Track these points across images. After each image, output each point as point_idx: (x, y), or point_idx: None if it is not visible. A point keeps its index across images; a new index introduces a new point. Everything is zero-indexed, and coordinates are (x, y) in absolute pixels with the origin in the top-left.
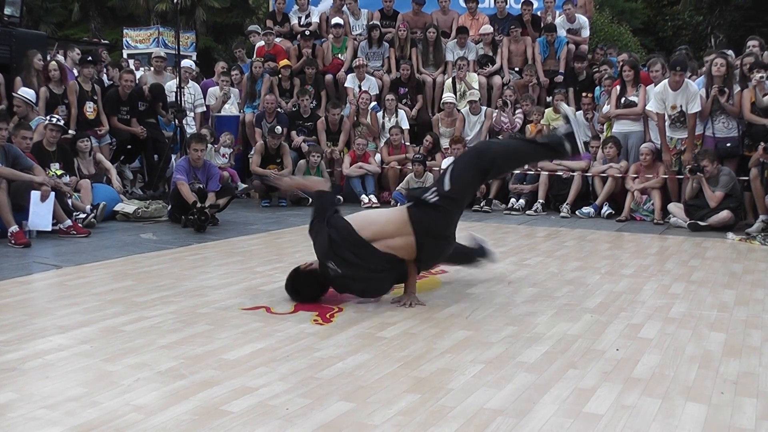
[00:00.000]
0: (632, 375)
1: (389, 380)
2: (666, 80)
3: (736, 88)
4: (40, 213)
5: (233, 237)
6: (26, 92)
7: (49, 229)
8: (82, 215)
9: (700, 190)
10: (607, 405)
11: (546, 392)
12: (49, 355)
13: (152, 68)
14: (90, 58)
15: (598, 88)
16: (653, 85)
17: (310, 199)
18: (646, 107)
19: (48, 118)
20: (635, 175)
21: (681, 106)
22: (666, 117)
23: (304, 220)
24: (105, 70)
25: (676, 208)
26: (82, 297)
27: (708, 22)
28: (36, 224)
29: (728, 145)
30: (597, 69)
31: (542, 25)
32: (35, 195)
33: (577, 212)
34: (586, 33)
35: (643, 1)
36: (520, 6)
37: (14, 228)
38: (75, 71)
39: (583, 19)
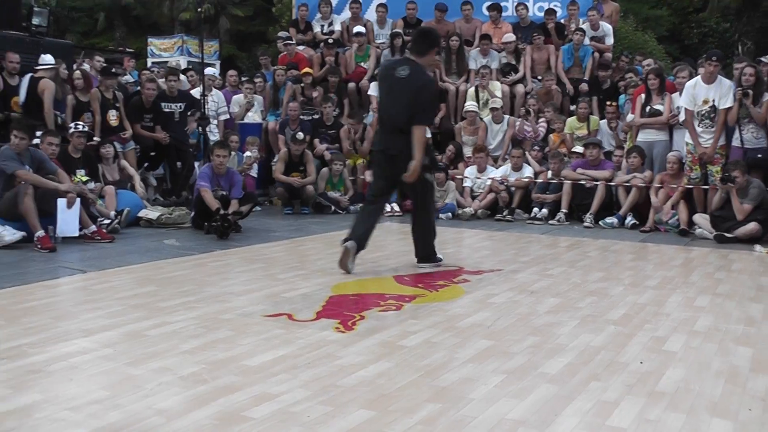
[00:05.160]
0: (656, 389)
1: (410, 389)
2: (698, 75)
3: (766, 96)
4: (67, 220)
5: (255, 244)
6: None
7: (77, 234)
8: (107, 221)
9: (726, 201)
10: (631, 418)
11: (568, 404)
12: (73, 357)
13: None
14: (114, 69)
15: (622, 96)
16: (678, 93)
17: (333, 207)
18: (679, 103)
19: (73, 125)
20: (660, 185)
21: (713, 101)
22: (695, 114)
23: (326, 228)
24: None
25: (701, 219)
26: (106, 301)
27: (735, 28)
28: (64, 231)
29: (759, 156)
30: (621, 77)
31: (566, 33)
32: (62, 203)
33: (600, 222)
34: (610, 41)
35: (669, 8)
36: (543, 14)
37: (40, 233)
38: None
39: (607, 27)
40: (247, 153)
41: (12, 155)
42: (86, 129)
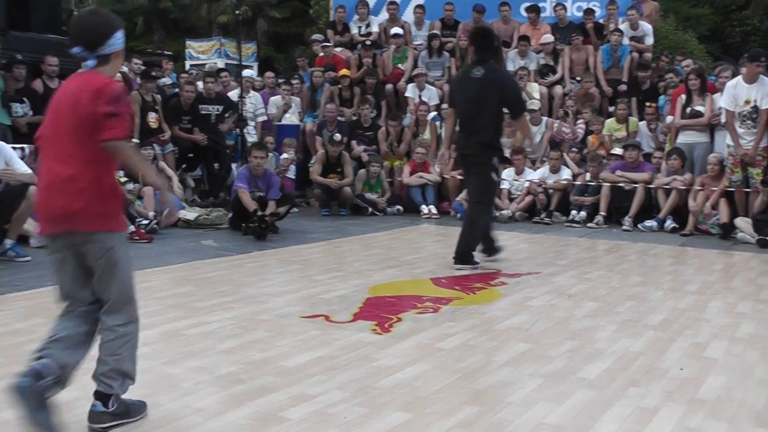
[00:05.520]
0: (697, 396)
1: (447, 392)
2: (740, 75)
3: None
4: None
5: (293, 245)
6: None
7: None
8: (145, 221)
9: None
10: (671, 426)
11: (607, 410)
12: None
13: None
14: (153, 73)
15: (662, 97)
16: (720, 93)
17: (370, 209)
18: (720, 103)
19: None
20: (700, 188)
21: (755, 101)
22: (736, 115)
23: (363, 229)
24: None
25: (743, 223)
26: (144, 301)
27: None
28: None
29: None
30: (661, 77)
31: (605, 33)
32: None
33: (639, 225)
34: (649, 40)
35: (710, 6)
36: (581, 14)
37: None
38: (138, 81)
39: (646, 27)
40: (284, 155)
41: None
42: None
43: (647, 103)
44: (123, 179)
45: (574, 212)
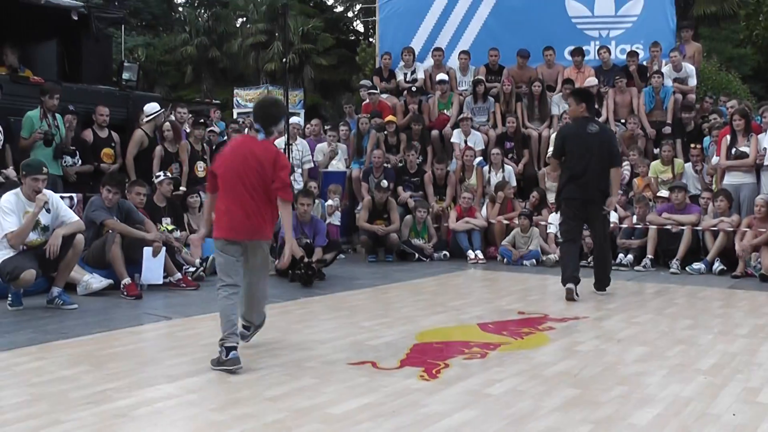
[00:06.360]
0: None
1: None
2: None
3: None
4: (153, 268)
5: (339, 292)
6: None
7: (161, 282)
8: (192, 268)
9: None
10: None
11: None
12: (157, 403)
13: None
14: (202, 120)
15: (707, 138)
16: (764, 133)
17: (417, 254)
18: (765, 144)
19: (162, 173)
20: (747, 229)
21: None
22: None
23: (410, 275)
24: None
25: None
26: (191, 348)
27: None
28: (148, 279)
29: None
30: (705, 118)
31: (648, 75)
32: (148, 251)
33: (687, 268)
34: (693, 82)
35: (753, 46)
36: (625, 56)
37: (127, 280)
38: (187, 129)
39: (690, 68)
40: (329, 201)
41: (102, 205)
42: (176, 176)
43: (692, 145)
44: (170, 227)
45: (621, 255)
